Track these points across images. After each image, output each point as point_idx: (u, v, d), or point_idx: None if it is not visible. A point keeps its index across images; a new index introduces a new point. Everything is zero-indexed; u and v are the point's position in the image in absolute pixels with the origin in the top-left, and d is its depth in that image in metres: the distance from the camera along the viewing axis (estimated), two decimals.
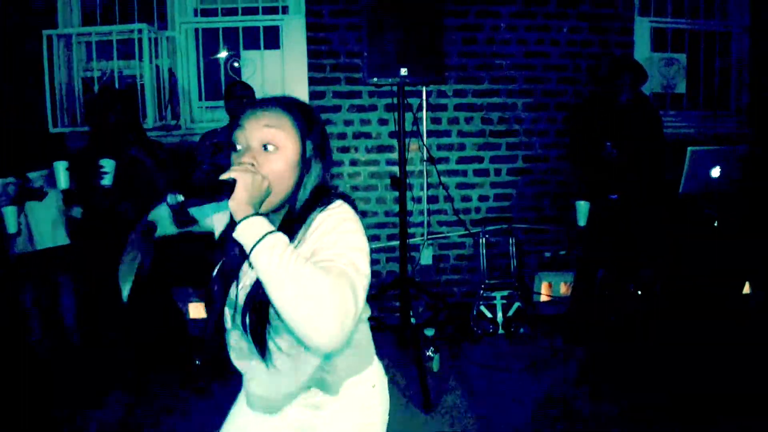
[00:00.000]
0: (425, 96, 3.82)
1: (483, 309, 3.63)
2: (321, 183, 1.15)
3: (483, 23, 3.83)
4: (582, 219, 3.29)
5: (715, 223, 3.43)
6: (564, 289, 3.86)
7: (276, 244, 0.93)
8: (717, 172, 3.26)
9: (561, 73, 3.93)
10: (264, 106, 1.11)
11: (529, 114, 3.94)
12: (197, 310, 3.53)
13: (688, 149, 3.21)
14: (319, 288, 0.89)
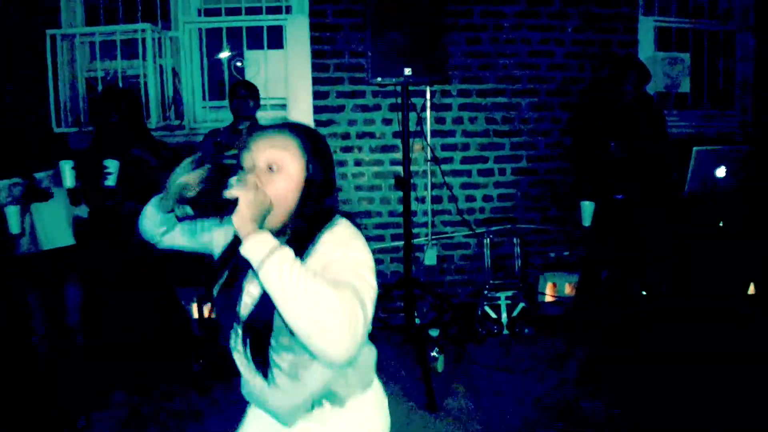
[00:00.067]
0: (429, 96, 3.81)
1: (487, 309, 3.62)
2: (324, 204, 1.18)
3: (487, 23, 3.83)
4: (587, 219, 3.28)
5: (720, 224, 3.42)
6: (569, 290, 3.85)
7: (284, 259, 0.94)
8: (722, 171, 3.25)
9: (565, 73, 3.92)
10: (271, 129, 1.15)
11: (534, 114, 3.93)
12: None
13: (693, 149, 3.20)
14: (330, 301, 0.91)
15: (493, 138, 3.93)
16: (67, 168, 2.64)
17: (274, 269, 0.93)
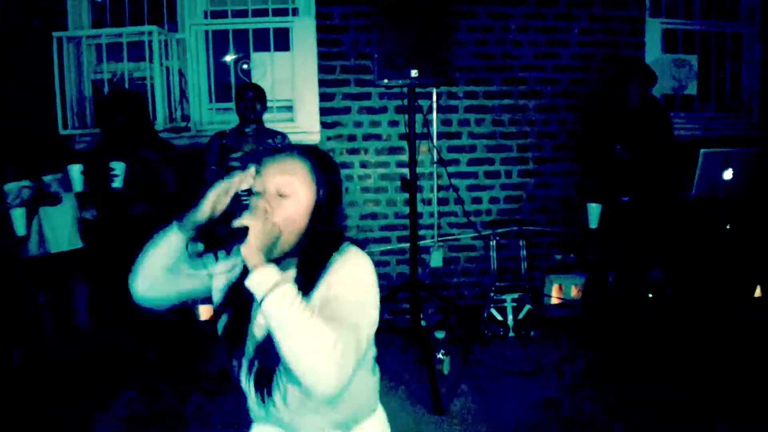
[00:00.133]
0: (435, 97, 3.81)
1: (493, 311, 3.62)
2: (333, 228, 1.20)
3: (493, 24, 3.82)
4: (593, 221, 3.28)
5: (727, 226, 3.41)
6: (575, 292, 3.84)
7: (285, 295, 0.97)
8: (729, 174, 3.24)
9: (572, 74, 3.92)
10: (282, 153, 1.18)
11: (540, 115, 3.93)
12: (208, 312, 3.52)
13: (700, 151, 3.19)
14: (324, 341, 0.94)
15: (500, 140, 3.92)
16: (76, 172, 2.65)
17: (275, 304, 0.96)
